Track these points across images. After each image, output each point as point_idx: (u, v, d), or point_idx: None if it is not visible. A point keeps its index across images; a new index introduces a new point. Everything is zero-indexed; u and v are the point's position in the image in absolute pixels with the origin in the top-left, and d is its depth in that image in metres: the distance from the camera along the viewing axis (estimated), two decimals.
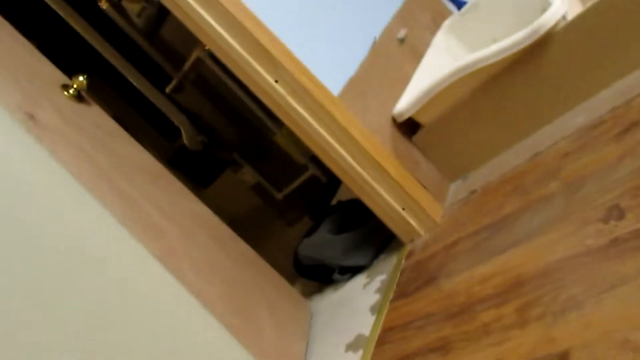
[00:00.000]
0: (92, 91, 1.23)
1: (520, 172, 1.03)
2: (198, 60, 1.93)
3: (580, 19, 0.93)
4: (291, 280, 1.45)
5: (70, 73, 1.25)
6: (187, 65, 1.97)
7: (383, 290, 1.13)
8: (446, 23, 1.57)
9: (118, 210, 0.86)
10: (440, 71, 1.17)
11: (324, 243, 1.35)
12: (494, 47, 1.02)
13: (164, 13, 1.84)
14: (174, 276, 0.86)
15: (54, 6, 2.08)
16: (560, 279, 0.70)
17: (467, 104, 1.14)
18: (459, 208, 1.15)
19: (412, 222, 1.16)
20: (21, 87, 0.99)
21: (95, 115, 1.14)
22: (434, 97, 1.16)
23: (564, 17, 0.98)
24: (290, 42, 1.12)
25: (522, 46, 0.98)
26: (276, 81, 1.10)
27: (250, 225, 3.05)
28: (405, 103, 1.24)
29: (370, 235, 1.31)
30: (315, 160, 1.96)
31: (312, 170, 2.08)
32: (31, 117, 0.98)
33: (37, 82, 1.07)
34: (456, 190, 1.24)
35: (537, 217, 0.87)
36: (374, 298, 1.13)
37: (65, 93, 1.13)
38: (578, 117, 0.97)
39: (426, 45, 1.52)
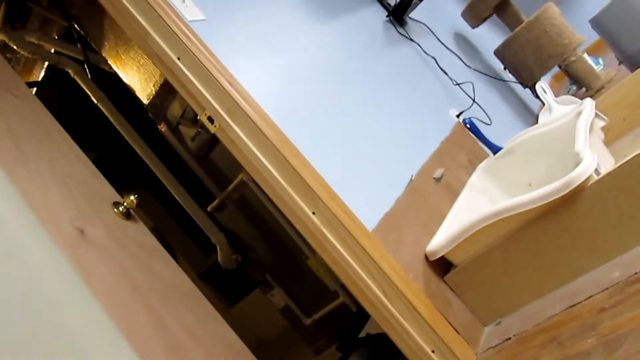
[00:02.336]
0: (139, 201, 1.31)
1: (555, 323, 1.00)
2: (242, 183, 2.03)
3: (611, 175, 0.95)
4: None
5: (123, 184, 1.34)
6: (231, 186, 2.08)
7: None
8: (482, 165, 1.63)
9: (148, 331, 0.87)
10: (474, 212, 1.19)
11: None
12: (528, 196, 1.05)
13: (215, 139, 1.98)
14: None
15: (117, 125, 2.28)
16: None
17: (500, 248, 1.14)
18: (492, 355, 1.11)
19: None
20: (77, 204, 1.07)
21: (140, 233, 1.20)
22: (468, 238, 1.18)
23: (596, 172, 1.01)
24: (330, 178, 1.19)
25: (554, 197, 1.00)
26: (313, 213, 1.15)
27: (275, 348, 2.96)
28: (438, 241, 1.25)
29: None
30: (346, 287, 1.96)
31: (342, 298, 2.05)
32: (81, 232, 1.04)
33: (92, 199, 1.16)
34: (490, 335, 1.20)
35: None
36: None
37: (116, 210, 1.20)
38: (614, 271, 0.95)
39: (461, 184, 1.57)
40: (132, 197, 1.20)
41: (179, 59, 1.17)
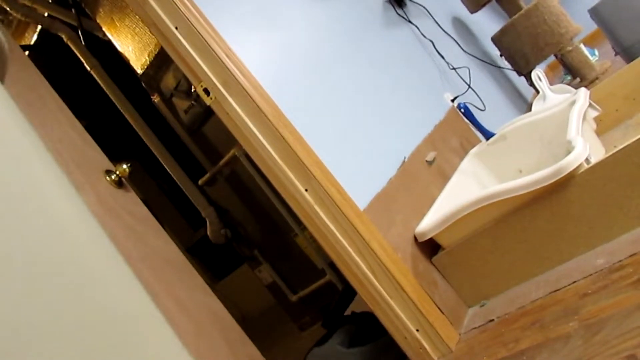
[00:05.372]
0: (131, 170, 1.30)
1: (538, 307, 1.02)
2: (234, 157, 2.03)
3: (601, 165, 0.97)
4: None
5: (113, 154, 1.33)
6: (223, 161, 2.07)
7: None
8: (474, 150, 1.64)
9: None
10: (464, 196, 1.21)
11: (333, 356, 1.32)
12: (519, 181, 1.06)
13: (209, 112, 1.97)
14: None
15: (110, 94, 2.25)
16: None
17: (488, 232, 1.16)
18: (475, 336, 1.13)
19: (426, 345, 1.13)
20: (69, 171, 1.06)
21: (131, 202, 1.19)
22: (457, 221, 1.19)
23: (587, 161, 1.02)
24: (324, 155, 1.19)
25: (544, 184, 1.01)
26: (306, 190, 1.15)
27: (260, 323, 2.99)
28: (428, 223, 1.27)
29: (381, 353, 1.28)
30: (333, 266, 1.97)
31: (329, 276, 2.07)
32: None
33: (83, 166, 1.15)
34: (473, 316, 1.22)
35: (555, 357, 0.85)
36: None
37: (107, 178, 1.20)
38: (598, 258, 0.97)
39: (453, 168, 1.58)
40: (124, 166, 1.20)
41: (176, 28, 1.16)
